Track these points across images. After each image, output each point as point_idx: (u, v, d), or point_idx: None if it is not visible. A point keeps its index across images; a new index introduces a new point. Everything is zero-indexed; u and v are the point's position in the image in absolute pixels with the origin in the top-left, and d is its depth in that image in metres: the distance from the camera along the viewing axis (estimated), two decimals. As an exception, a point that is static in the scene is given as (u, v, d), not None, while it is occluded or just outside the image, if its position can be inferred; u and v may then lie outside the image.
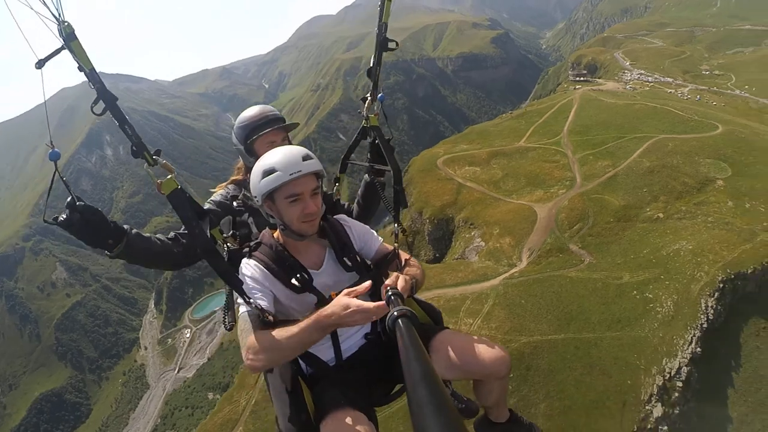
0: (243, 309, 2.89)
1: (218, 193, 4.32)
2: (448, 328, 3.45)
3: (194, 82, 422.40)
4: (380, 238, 3.61)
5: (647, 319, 31.72)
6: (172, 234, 3.75)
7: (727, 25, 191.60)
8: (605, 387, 28.83)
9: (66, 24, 2.60)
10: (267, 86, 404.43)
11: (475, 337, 3.25)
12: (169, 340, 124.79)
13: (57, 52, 2.68)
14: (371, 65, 4.15)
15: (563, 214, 44.44)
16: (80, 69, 2.70)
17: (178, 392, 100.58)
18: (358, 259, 3.37)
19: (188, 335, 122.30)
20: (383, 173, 4.36)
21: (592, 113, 69.16)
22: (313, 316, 2.62)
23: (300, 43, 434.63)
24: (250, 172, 3.67)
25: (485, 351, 3.12)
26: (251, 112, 4.30)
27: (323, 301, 3.01)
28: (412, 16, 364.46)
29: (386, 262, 3.41)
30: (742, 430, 29.62)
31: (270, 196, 3.02)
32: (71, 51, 2.66)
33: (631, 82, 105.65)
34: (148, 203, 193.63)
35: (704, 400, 29.75)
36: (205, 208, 3.92)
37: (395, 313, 2.05)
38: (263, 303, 2.90)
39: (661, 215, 41.83)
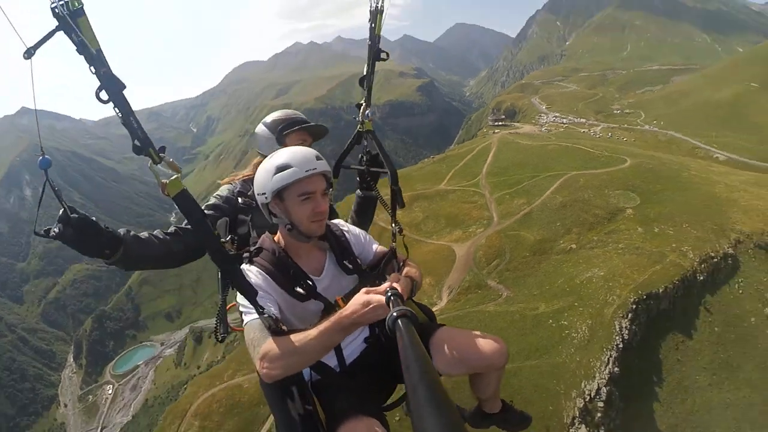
0: (249, 318, 2.75)
1: (225, 188, 4.09)
2: (444, 325, 3.43)
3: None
4: (376, 241, 3.57)
5: (564, 345, 32.57)
6: (172, 228, 3.58)
7: (636, 67, 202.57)
8: (528, 415, 29.17)
9: None
10: (195, 130, 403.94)
11: (472, 332, 3.28)
12: (90, 396, 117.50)
13: (52, 34, 2.27)
14: (365, 74, 4.19)
15: (481, 251, 45.32)
16: (82, 52, 2.32)
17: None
18: (358, 262, 3.31)
19: (110, 391, 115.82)
20: (373, 188, 4.42)
21: (510, 155, 71.38)
22: (333, 317, 2.55)
23: (230, 88, 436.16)
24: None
25: (485, 344, 3.14)
26: (282, 112, 4.35)
27: (329, 306, 2.98)
28: (342, 65, 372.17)
29: (385, 263, 3.38)
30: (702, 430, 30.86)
31: (279, 193, 2.92)
32: (76, 30, 2.26)
33: (546, 125, 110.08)
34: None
35: (630, 416, 30.68)
36: (211, 202, 3.85)
37: (395, 314, 2.03)
38: (274, 311, 2.79)
39: (573, 246, 43.34)
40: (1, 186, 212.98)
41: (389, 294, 2.39)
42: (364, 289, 2.56)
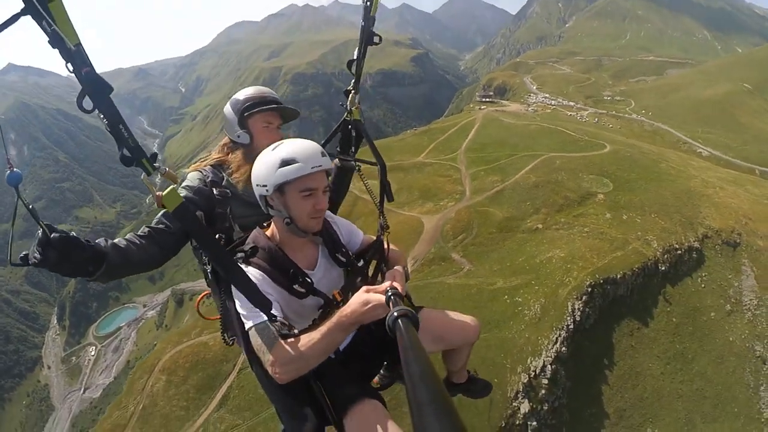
0: (252, 323, 2.70)
1: (194, 176, 3.67)
2: (423, 307, 3.43)
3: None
4: (360, 230, 3.58)
5: (515, 321, 32.70)
6: (145, 230, 3.26)
7: (633, 56, 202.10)
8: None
9: None
10: (183, 90, 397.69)
11: (449, 312, 3.46)
12: (74, 358, 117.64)
13: (15, 19, 1.87)
14: (354, 57, 3.97)
15: (449, 225, 45.04)
16: (55, 45, 1.95)
17: (85, 413, 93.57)
18: (350, 254, 3.31)
19: (93, 353, 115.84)
20: (350, 159, 4.28)
21: (491, 132, 71.11)
22: (334, 318, 2.56)
23: (221, 48, 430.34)
24: (234, 150, 3.70)
25: (461, 322, 3.39)
26: (253, 89, 3.85)
27: (328, 302, 3.00)
28: (336, 30, 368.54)
29: (372, 252, 3.42)
30: (621, 424, 31.22)
31: (281, 187, 2.84)
32: (47, 17, 1.87)
33: (534, 105, 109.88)
34: (52, 209, 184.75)
35: (577, 397, 31.01)
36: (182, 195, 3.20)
37: (395, 314, 1.97)
38: (279, 314, 2.77)
39: (540, 226, 43.22)
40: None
41: (389, 294, 2.40)
42: (364, 288, 2.58)
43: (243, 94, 3.80)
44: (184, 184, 3.56)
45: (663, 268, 38.04)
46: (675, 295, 37.80)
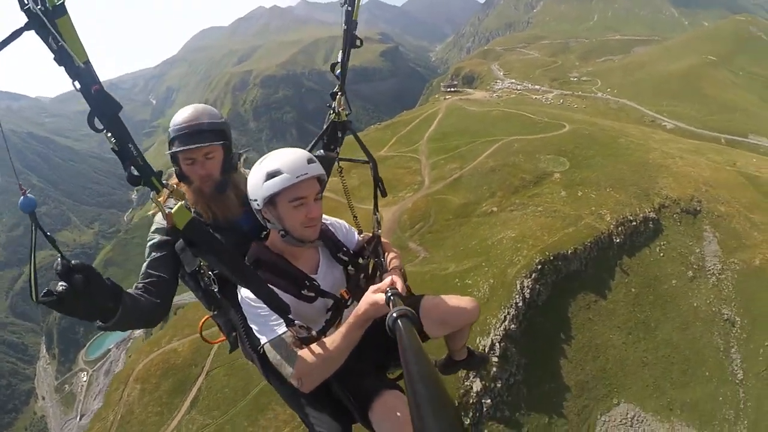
0: (266, 338, 2.74)
1: (161, 218, 3.40)
2: (424, 295, 3.48)
3: (77, 98, 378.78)
4: (354, 228, 3.71)
5: (464, 303, 32.59)
6: (139, 285, 3.13)
7: (600, 37, 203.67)
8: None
9: None
10: (155, 102, 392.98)
11: (449, 296, 3.40)
12: (66, 386, 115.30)
13: (17, 34, 1.76)
14: (338, 61, 4.03)
15: (406, 215, 44.92)
16: (62, 62, 1.84)
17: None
18: (351, 252, 3.37)
19: (85, 379, 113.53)
20: (335, 149, 4.31)
21: (454, 121, 71.01)
22: (350, 319, 2.59)
23: (190, 56, 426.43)
24: (181, 183, 3.40)
25: (464, 304, 3.34)
26: (183, 114, 3.43)
27: (337, 301, 3.10)
28: (304, 29, 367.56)
29: (370, 249, 3.47)
30: (584, 396, 31.33)
31: (271, 200, 2.84)
32: (54, 33, 1.76)
33: (500, 91, 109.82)
34: (29, 237, 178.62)
35: (533, 372, 30.88)
36: (155, 240, 3.30)
37: (395, 314, 1.96)
38: (298, 321, 2.80)
39: (495, 209, 43.13)
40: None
41: (389, 294, 2.41)
42: (371, 288, 2.59)
43: (171, 123, 3.44)
44: (153, 228, 3.39)
45: (618, 241, 38.14)
46: (633, 266, 37.94)
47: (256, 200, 2.86)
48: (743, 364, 36.23)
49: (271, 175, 2.78)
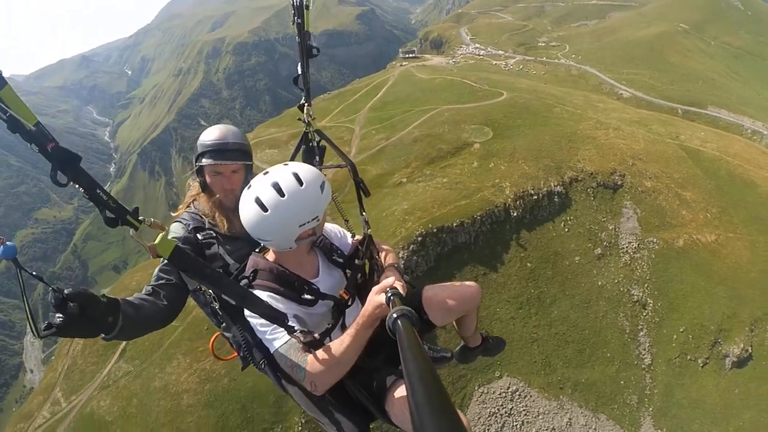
0: (274, 346, 2.80)
1: (177, 227, 3.71)
2: (425, 286, 3.47)
3: (52, 74, 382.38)
4: (347, 230, 3.84)
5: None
6: (148, 288, 3.34)
7: (576, 1, 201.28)
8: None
9: None
10: (130, 73, 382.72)
11: (451, 283, 3.44)
12: (53, 357, 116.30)
13: None
14: (299, 73, 4.08)
15: (325, 185, 44.31)
16: (15, 130, 1.93)
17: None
18: (345, 254, 3.46)
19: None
20: (316, 160, 4.42)
21: (399, 89, 70.18)
22: (358, 320, 2.62)
23: (164, 24, 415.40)
24: (201, 195, 3.76)
25: (466, 290, 3.40)
26: (212, 134, 3.76)
27: (338, 302, 3.11)
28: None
29: (365, 249, 3.55)
30: (461, 366, 31.58)
31: None
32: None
33: (459, 57, 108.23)
34: (10, 216, 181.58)
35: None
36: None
37: (395, 315, 2.05)
38: (297, 325, 2.83)
39: (404, 180, 43.06)
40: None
41: (389, 294, 2.45)
42: (374, 290, 2.63)
43: (201, 140, 3.76)
44: (170, 236, 3.27)
45: (515, 214, 38.17)
46: (532, 240, 37.92)
47: (317, 216, 2.91)
48: (652, 348, 36.49)
49: (323, 186, 2.91)
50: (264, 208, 2.78)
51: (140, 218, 2.39)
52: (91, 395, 34.13)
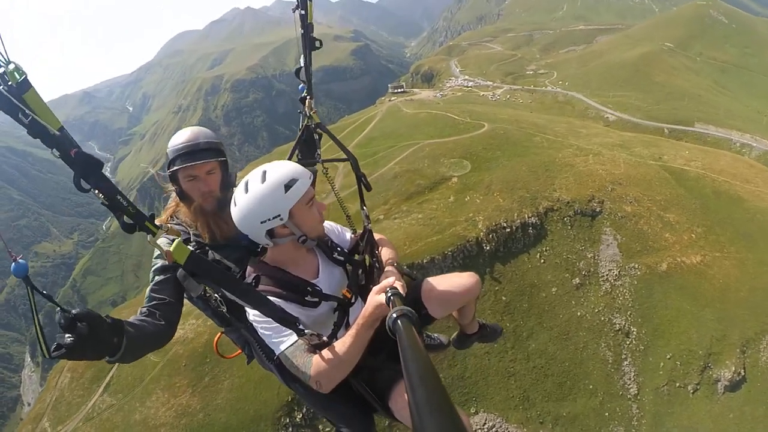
0: (281, 348, 2.79)
1: (162, 242, 3.25)
2: (424, 278, 3.50)
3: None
4: (345, 227, 3.79)
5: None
6: (143, 310, 3.21)
7: (567, 27, 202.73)
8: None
9: (14, 67, 1.83)
10: (131, 109, 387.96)
11: (449, 275, 3.47)
12: None
13: None
14: (302, 65, 4.09)
15: (305, 223, 44.79)
16: (37, 135, 1.91)
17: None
18: (345, 252, 3.37)
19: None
20: (317, 153, 4.41)
21: (385, 125, 71.15)
22: (359, 320, 2.63)
23: (165, 61, 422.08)
24: (182, 204, 3.57)
25: (465, 281, 3.38)
26: (181, 136, 3.63)
27: (341, 301, 3.09)
28: (278, 30, 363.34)
29: (365, 245, 3.54)
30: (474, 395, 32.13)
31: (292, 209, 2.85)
32: (22, 107, 1.84)
33: (447, 89, 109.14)
34: (11, 249, 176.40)
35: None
36: (159, 265, 3.38)
37: (395, 315, 2.06)
38: (308, 330, 2.79)
39: (381, 217, 43.19)
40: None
41: (389, 294, 2.45)
42: (374, 290, 2.62)
43: (171, 144, 3.61)
44: (155, 254, 3.43)
45: (488, 248, 38.11)
46: (506, 273, 37.83)
47: (278, 215, 2.79)
48: (638, 377, 35.83)
49: (288, 186, 2.76)
50: (234, 202, 2.88)
51: (158, 225, 2.49)
52: (76, 426, 35.48)
